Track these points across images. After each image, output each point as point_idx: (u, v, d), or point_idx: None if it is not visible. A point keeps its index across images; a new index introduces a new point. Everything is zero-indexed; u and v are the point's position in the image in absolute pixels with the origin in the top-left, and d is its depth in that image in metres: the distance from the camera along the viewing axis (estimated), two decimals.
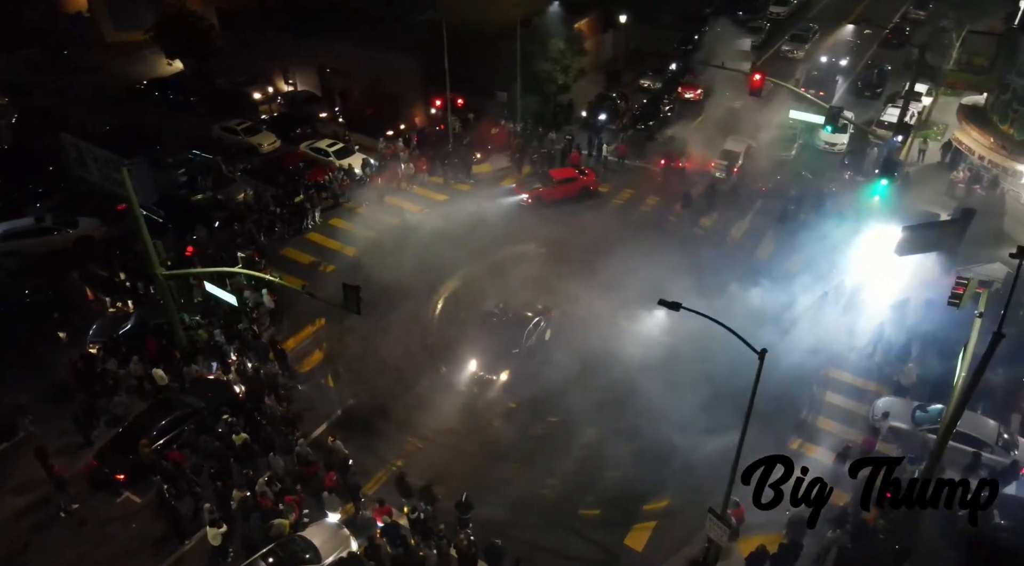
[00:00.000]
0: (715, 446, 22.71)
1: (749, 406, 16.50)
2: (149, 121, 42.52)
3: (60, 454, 22.38)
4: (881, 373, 25.93)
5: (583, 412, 24.00)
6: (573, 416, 23.95)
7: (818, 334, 26.47)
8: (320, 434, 23.44)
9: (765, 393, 23.97)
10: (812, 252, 31.20)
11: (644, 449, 23.01)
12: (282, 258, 31.72)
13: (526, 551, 20.10)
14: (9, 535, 20.32)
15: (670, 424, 23.04)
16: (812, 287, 28.67)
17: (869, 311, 27.49)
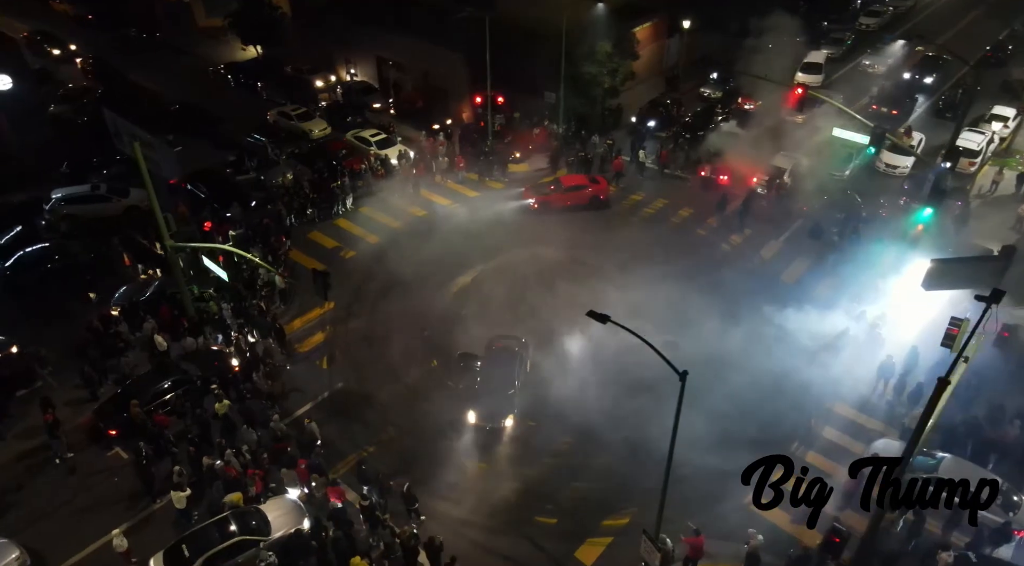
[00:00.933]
0: (690, 469, 22.11)
1: (674, 429, 15.88)
2: (219, 102, 44.91)
3: (68, 405, 24.17)
4: (891, 412, 24.36)
5: (562, 421, 23.77)
6: (550, 423, 23.75)
7: (829, 365, 25.14)
8: (303, 413, 24.20)
9: (758, 420, 23.53)
10: (843, 280, 29.68)
11: (617, 464, 22.62)
12: (308, 241, 32.86)
13: (475, 552, 20.21)
14: (8, 474, 22.06)
15: (649, 442, 22.51)
16: (835, 316, 27.23)
17: (889, 347, 25.81)
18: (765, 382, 24.21)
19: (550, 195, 34.65)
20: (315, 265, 31.18)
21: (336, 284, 29.79)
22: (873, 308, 26.99)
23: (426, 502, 21.35)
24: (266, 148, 37.51)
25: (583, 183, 35.16)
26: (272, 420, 22.30)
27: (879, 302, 27.28)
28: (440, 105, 42.58)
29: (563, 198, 34.58)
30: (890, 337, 25.99)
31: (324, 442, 22.98)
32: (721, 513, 20.80)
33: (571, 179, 35.56)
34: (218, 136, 40.53)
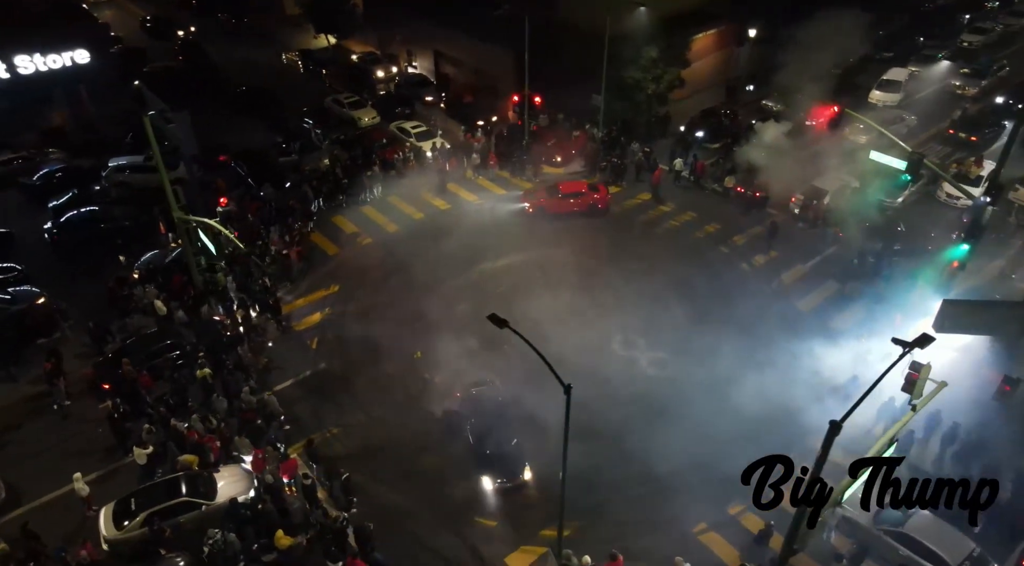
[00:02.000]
0: (646, 490, 21.58)
1: (564, 444, 15.51)
2: (286, 87, 47.00)
3: (78, 358, 26.05)
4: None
5: (530, 426, 23.52)
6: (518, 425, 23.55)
7: (821, 401, 23.68)
8: (282, 388, 25.12)
9: (729, 453, 22.42)
10: (861, 313, 27.93)
11: (573, 475, 22.13)
12: (331, 224, 33.90)
13: (407, 543, 20.42)
14: (12, 414, 24.04)
15: (613, 458, 22.12)
16: (843, 351, 25.63)
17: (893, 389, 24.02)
18: (749, 412, 23.06)
19: (545, 200, 34.10)
20: (333, 249, 32.47)
21: (346, 270, 31.10)
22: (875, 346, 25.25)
23: (374, 488, 21.80)
24: (310, 132, 38.94)
25: (581, 190, 34.48)
26: (243, 391, 23.22)
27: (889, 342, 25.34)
28: (488, 102, 42.86)
29: (559, 204, 33.95)
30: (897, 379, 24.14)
31: (293, 418, 23.83)
32: (660, 539, 20.12)
33: (569, 186, 34.98)
34: (274, 118, 42.43)
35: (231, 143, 39.67)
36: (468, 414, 22.88)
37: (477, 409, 22.83)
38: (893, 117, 41.71)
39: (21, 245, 32.23)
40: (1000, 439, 21.44)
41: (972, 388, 22.69)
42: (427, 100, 45.19)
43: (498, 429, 22.07)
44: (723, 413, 23.04)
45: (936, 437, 22.56)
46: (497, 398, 23.25)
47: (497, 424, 22.20)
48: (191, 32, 56.61)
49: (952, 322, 22.52)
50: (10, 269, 29.63)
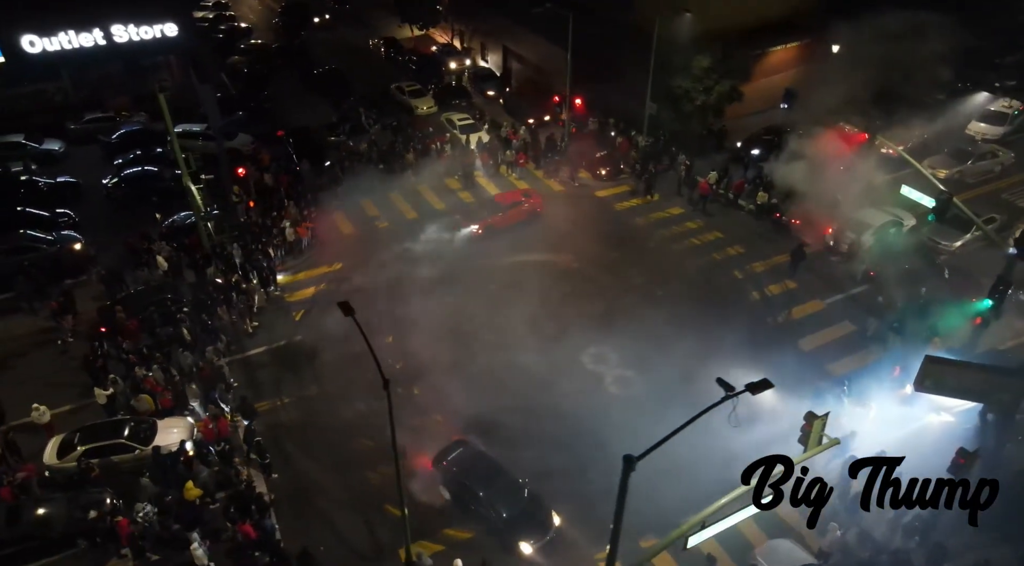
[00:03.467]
0: (562, 507, 20.98)
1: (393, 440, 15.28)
2: (366, 71, 48.90)
3: (94, 300, 28.51)
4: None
5: (472, 421, 23.50)
6: (460, 422, 23.51)
7: (762, 451, 21.83)
8: (254, 354, 26.40)
9: (654, 486, 21.11)
10: (864, 360, 25.54)
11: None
12: (356, 204, 34.91)
13: (310, 514, 20.99)
14: (23, 342, 26.76)
15: (538, 470, 21.64)
16: (817, 403, 23.50)
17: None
18: (685, 448, 21.61)
19: (491, 219, 32.59)
20: (348, 229, 33.55)
21: (353, 250, 32.02)
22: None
23: (301, 461, 22.54)
24: (360, 115, 40.35)
25: (518, 199, 33.70)
26: (207, 350, 24.60)
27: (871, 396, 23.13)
28: (545, 99, 42.55)
29: (504, 219, 32.78)
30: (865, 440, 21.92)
31: (253, 383, 25.03)
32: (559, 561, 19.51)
33: (507, 196, 34.23)
34: (341, 99, 44.28)
35: (297, 119, 41.98)
36: (467, 486, 20.73)
37: (471, 477, 20.79)
38: (984, 152, 37.62)
39: (85, 195, 35.66)
40: (949, 515, 19.03)
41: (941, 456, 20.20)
42: (488, 94, 45.52)
43: (502, 489, 20.44)
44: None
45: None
46: (483, 456, 21.58)
47: (499, 483, 20.57)
48: (324, 18, 58.97)
49: (934, 382, 20.21)
50: (64, 215, 32.90)
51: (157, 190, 34.50)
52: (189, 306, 26.71)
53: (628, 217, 34.40)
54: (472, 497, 20.56)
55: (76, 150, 39.75)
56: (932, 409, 22.65)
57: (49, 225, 31.70)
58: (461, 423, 23.35)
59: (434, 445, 22.68)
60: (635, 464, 12.60)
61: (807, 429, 15.05)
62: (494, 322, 27.56)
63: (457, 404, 23.90)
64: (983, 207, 32.57)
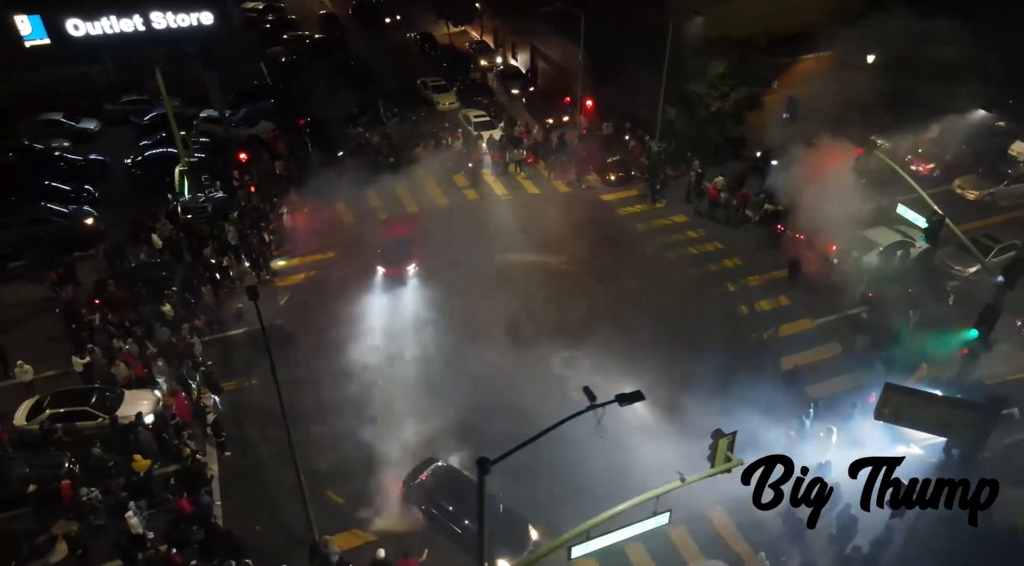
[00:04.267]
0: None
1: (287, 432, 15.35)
2: (396, 64, 49.60)
3: (98, 273, 29.75)
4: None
5: (424, 412, 23.60)
6: (414, 415, 23.60)
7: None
8: (233, 334, 27.14)
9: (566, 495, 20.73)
10: (842, 386, 24.44)
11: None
12: (360, 196, 35.39)
13: (250, 491, 21.42)
14: (26, 308, 28.12)
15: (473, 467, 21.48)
16: (772, 427, 22.62)
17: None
18: (621, 460, 21.25)
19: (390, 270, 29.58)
20: (350, 219, 34.03)
21: (349, 241, 32.39)
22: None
23: (256, 442, 23.02)
24: (379, 108, 40.93)
25: (406, 234, 30.67)
26: (183, 327, 25.41)
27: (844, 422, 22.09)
28: (565, 100, 42.24)
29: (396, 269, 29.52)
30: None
31: (228, 362, 25.78)
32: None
33: (394, 229, 31.17)
34: (366, 91, 45.02)
35: (323, 110, 42.87)
36: (438, 503, 20.08)
37: (441, 494, 20.19)
38: (1022, 174, 35.46)
39: (111, 173, 37.37)
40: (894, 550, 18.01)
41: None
42: (513, 92, 45.47)
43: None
44: (598, 455, 21.15)
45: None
46: (453, 471, 20.98)
47: (471, 499, 18.60)
48: (396, 18, 59.42)
49: (893, 411, 19.11)
50: (85, 190, 34.57)
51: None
52: (177, 284, 27.60)
53: (629, 222, 33.82)
54: (444, 514, 19.78)
55: (111, 130, 41.71)
56: (901, 440, 21.47)
57: (69, 199, 33.33)
58: (415, 415, 23.40)
59: (391, 436, 22.90)
60: (489, 467, 12.28)
61: (713, 447, 14.46)
62: (472, 317, 27.65)
63: (417, 398, 24.02)
64: (1012, 233, 30.68)
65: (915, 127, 38.82)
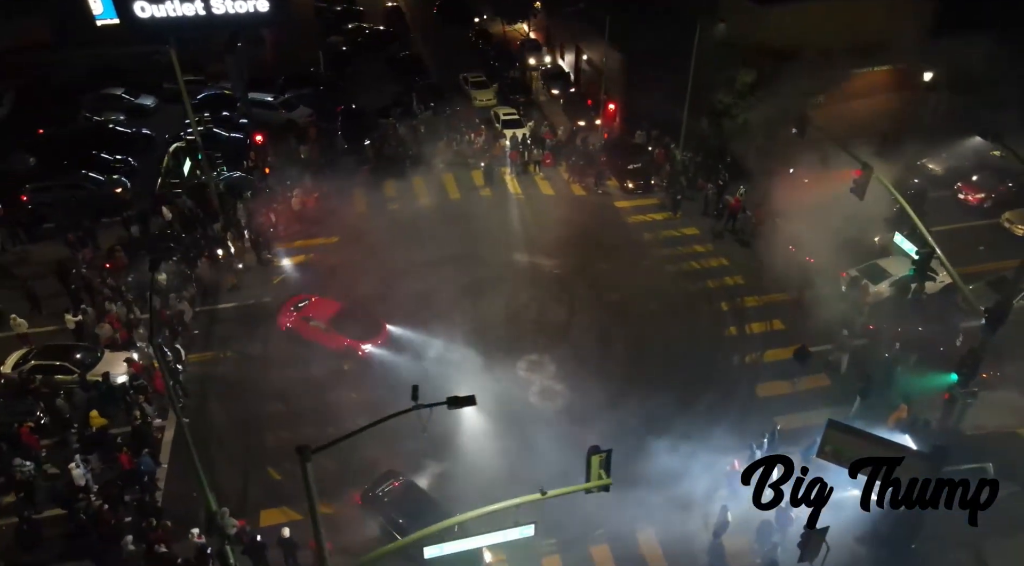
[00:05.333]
0: None
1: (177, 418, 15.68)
2: (451, 60, 50.12)
3: (119, 240, 31.54)
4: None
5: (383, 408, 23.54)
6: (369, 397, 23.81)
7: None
8: (224, 307, 28.20)
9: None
10: (821, 418, 22.82)
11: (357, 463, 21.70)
12: (378, 185, 36.04)
13: (204, 468, 22.06)
14: (48, 267, 29.89)
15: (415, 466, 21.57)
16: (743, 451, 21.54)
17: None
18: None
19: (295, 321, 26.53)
20: (361, 207, 34.67)
21: (357, 228, 32.94)
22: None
23: (217, 409, 23.89)
24: (412, 101, 41.49)
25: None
26: (171, 296, 26.60)
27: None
28: (588, 102, 41.59)
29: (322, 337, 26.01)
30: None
31: (209, 333, 26.87)
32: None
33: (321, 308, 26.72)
34: (413, 83, 45.69)
35: (366, 99, 43.85)
36: (393, 519, 19.47)
37: (399, 510, 19.60)
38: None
39: (155, 147, 39.44)
40: None
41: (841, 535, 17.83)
42: (553, 92, 45.09)
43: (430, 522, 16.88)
44: (537, 466, 20.62)
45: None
46: (413, 487, 20.54)
47: (429, 518, 17.65)
48: (483, 18, 58.51)
49: (835, 451, 17.89)
50: (126, 161, 36.74)
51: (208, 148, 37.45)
52: (177, 255, 28.93)
53: (637, 231, 32.93)
54: (398, 530, 19.09)
55: (166, 107, 44.02)
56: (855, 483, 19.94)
57: (108, 169, 35.50)
58: (367, 403, 23.48)
59: (344, 421, 23.13)
60: (310, 455, 12.25)
61: (588, 462, 13.92)
62: (450, 311, 27.68)
63: (375, 384, 24.21)
64: None
65: (969, 153, 36.14)
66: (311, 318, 26.16)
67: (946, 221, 32.15)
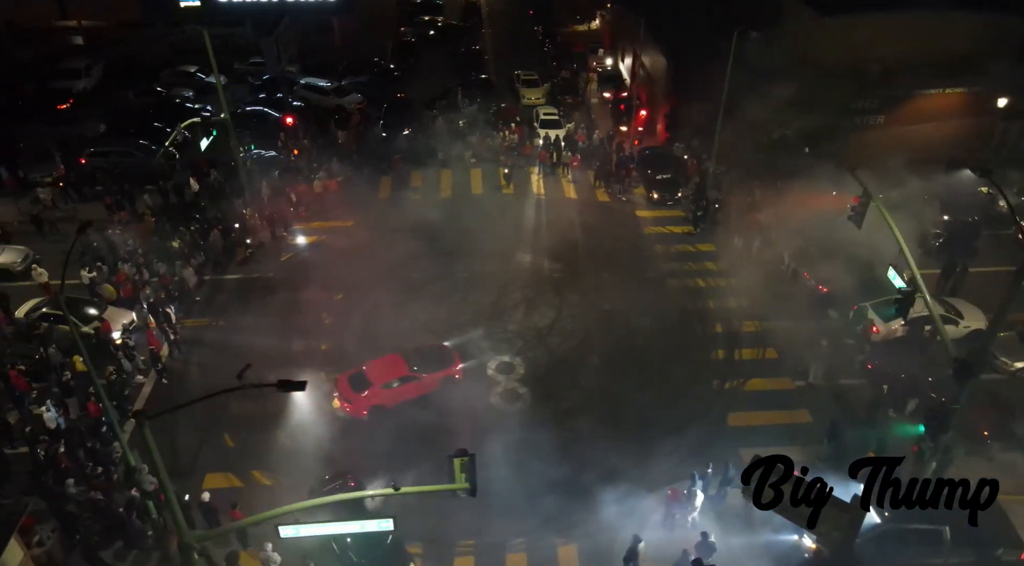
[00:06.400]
0: None
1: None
2: (517, 56, 50.33)
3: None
4: None
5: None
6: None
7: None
8: (229, 278, 29.52)
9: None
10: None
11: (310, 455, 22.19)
12: (407, 175, 36.64)
13: (165, 426, 22.97)
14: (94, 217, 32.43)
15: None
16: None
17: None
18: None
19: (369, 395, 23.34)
20: (385, 193, 35.39)
21: (375, 214, 33.62)
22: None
23: (193, 372, 25.11)
24: (456, 94, 41.89)
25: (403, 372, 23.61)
26: (177, 263, 28.09)
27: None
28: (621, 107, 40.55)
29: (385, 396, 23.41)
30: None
31: (209, 300, 28.26)
32: None
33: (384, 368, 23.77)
34: (467, 78, 46.19)
35: (421, 90, 44.70)
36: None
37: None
38: None
39: (212, 122, 41.72)
40: None
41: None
42: (604, 95, 44.35)
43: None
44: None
45: None
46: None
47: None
48: (576, 19, 57.99)
49: (766, 495, 16.72)
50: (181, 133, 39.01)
51: (258, 127, 39.35)
52: (195, 224, 30.52)
53: (649, 242, 31.94)
54: (333, 539, 18.57)
55: (235, 86, 46.41)
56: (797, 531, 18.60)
57: (161, 140, 37.85)
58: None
59: (308, 401, 23.85)
60: (144, 420, 12.63)
61: (451, 464, 13.72)
62: (437, 303, 27.95)
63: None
64: None
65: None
66: (374, 384, 23.22)
67: (1003, 262, 29.42)
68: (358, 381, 23.30)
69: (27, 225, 31.71)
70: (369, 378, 23.25)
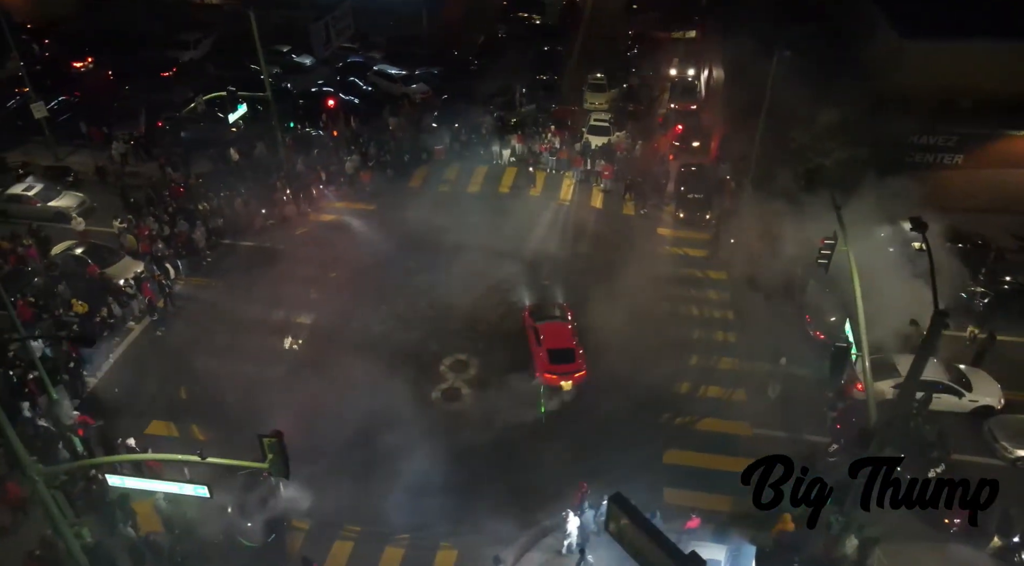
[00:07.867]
0: None
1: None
2: (603, 59, 49.32)
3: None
4: None
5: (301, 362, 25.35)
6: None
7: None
8: (239, 243, 31.33)
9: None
10: (718, 505, 20.26)
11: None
12: (443, 167, 37.01)
13: (142, 378, 24.92)
14: (143, 181, 35.55)
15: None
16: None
17: None
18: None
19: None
20: (416, 182, 36.12)
21: (398, 203, 34.37)
22: None
23: (184, 328, 26.97)
24: (515, 94, 41.77)
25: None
26: (197, 224, 30.19)
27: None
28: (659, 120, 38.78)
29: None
30: None
31: (216, 262, 30.30)
32: None
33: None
34: (542, 77, 45.96)
35: (491, 87, 44.97)
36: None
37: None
38: None
39: (287, 100, 44.00)
40: None
41: None
42: (671, 106, 42.63)
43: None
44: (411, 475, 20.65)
45: None
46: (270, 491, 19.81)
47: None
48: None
49: (618, 529, 15.58)
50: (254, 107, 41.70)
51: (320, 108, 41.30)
52: (225, 190, 32.63)
53: (660, 262, 30.46)
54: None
55: (321, 67, 48.89)
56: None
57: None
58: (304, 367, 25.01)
59: (276, 369, 24.98)
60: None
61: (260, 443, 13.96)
62: (419, 294, 28.34)
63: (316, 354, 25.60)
64: None
65: None
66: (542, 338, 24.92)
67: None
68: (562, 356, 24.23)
69: (94, 175, 35.27)
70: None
